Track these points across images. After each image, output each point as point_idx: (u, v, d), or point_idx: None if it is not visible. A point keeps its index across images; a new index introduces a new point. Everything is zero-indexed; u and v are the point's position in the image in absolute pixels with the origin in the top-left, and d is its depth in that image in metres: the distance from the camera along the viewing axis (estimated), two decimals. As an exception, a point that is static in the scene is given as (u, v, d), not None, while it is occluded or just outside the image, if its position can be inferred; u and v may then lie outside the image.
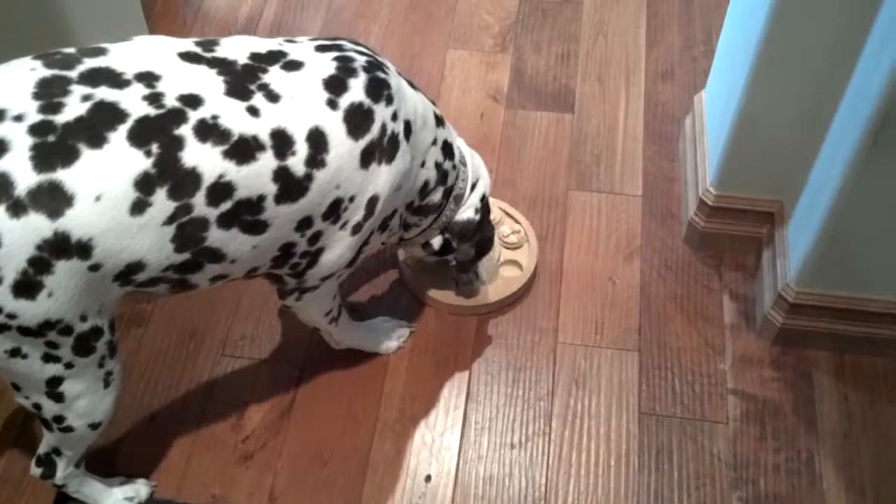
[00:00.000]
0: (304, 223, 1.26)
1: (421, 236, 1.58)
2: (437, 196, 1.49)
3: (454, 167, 1.50)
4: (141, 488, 1.56)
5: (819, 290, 1.66)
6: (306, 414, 1.68)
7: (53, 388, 1.24)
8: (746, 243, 1.87)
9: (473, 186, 1.58)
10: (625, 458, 1.63)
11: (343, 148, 1.24)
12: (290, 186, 1.21)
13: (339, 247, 1.33)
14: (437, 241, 1.59)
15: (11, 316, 1.11)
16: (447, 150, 1.47)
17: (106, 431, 1.43)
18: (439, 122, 1.46)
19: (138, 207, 1.11)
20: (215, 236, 1.19)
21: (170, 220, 1.14)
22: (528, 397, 1.70)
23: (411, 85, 1.40)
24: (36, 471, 1.42)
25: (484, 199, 1.60)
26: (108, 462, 1.60)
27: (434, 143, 1.43)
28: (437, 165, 1.45)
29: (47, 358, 1.19)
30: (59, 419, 1.30)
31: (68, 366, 1.22)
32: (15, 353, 1.16)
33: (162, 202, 1.12)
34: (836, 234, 1.55)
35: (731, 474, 1.62)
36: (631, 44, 2.28)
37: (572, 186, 2.01)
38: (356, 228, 1.32)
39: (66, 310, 1.14)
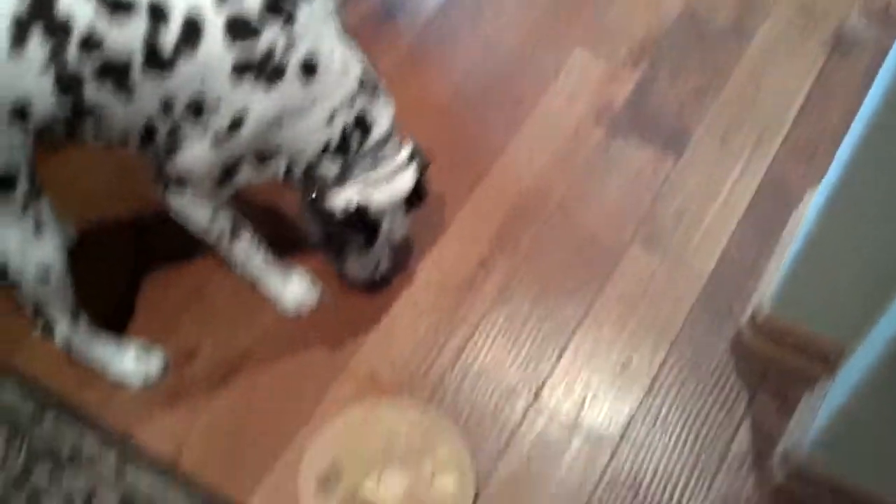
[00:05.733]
0: (168, 105, 1.28)
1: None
2: (332, 166, 1.43)
3: (360, 145, 1.43)
4: (154, 359, 1.60)
5: (829, 465, 1.39)
6: (250, 382, 1.60)
7: None
8: (796, 375, 1.59)
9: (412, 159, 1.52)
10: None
11: (215, 49, 1.25)
12: (155, 61, 1.24)
13: (197, 147, 1.33)
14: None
15: None
16: (362, 123, 1.41)
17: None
18: (366, 88, 1.40)
19: (18, 45, 1.17)
20: (90, 92, 1.23)
21: (47, 66, 1.19)
22: (482, 449, 1.55)
23: (347, 40, 1.37)
24: (37, 332, 1.50)
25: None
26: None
27: (349, 104, 1.38)
28: (343, 132, 1.39)
29: None
30: (3, 274, 1.36)
31: None
32: None
33: (37, 46, 1.18)
34: (857, 411, 1.27)
35: None
36: (782, 104, 1.96)
37: (637, 240, 1.78)
38: (217, 138, 1.32)
39: None
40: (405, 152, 1.50)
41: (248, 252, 1.59)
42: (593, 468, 1.54)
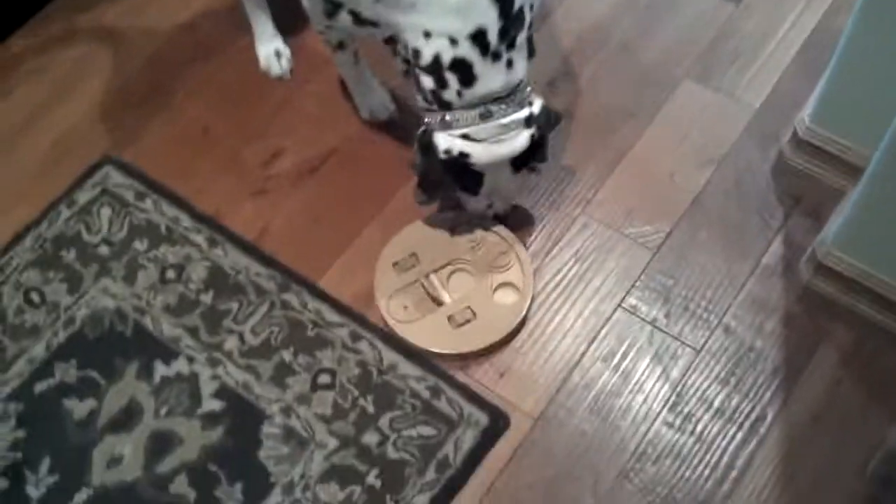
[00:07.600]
0: None
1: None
2: (425, 80, 1.44)
3: (459, 94, 1.42)
4: (284, 60, 1.91)
5: (850, 258, 1.49)
6: (328, 180, 1.79)
7: None
8: (831, 193, 1.68)
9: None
10: (579, 338, 1.60)
11: None
12: None
13: None
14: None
15: None
16: (461, 70, 1.40)
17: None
18: (481, 46, 1.38)
19: None
20: None
21: None
22: (527, 248, 1.69)
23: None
24: None
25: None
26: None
27: (449, 40, 1.38)
28: (436, 58, 1.40)
29: None
30: None
31: None
32: None
33: None
34: (872, 199, 1.37)
35: (672, 397, 1.55)
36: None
37: (692, 75, 1.88)
38: None
39: None
40: (523, 114, 1.46)
41: (347, 61, 1.73)
42: (631, 273, 1.67)
